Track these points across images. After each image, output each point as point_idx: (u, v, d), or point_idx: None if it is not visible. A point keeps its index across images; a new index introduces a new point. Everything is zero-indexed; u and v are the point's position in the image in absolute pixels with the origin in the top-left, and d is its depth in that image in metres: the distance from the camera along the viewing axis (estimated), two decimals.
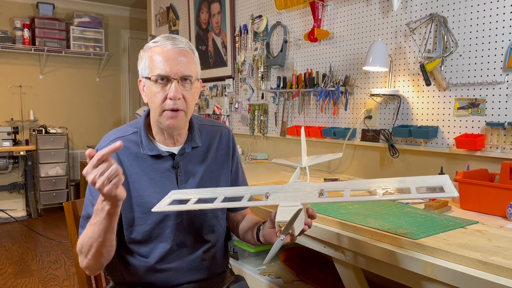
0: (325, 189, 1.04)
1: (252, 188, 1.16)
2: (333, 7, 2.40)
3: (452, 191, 0.87)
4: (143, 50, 1.19)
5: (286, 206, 0.98)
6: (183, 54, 1.15)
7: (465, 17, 1.79)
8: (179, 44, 1.15)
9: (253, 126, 3.05)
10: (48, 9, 5.00)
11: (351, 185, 1.02)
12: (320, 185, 1.07)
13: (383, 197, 0.94)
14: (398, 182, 1.00)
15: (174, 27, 4.11)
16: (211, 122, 1.38)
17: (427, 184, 0.97)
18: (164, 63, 1.13)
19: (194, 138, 1.26)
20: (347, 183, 1.06)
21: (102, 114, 5.65)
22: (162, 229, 1.22)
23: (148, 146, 1.21)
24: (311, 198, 1.00)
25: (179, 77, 1.13)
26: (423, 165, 1.97)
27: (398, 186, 0.99)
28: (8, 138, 4.58)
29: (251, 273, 2.00)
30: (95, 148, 1.22)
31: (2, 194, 4.99)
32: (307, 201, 0.99)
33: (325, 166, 2.48)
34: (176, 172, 1.23)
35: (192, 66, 1.17)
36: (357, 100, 2.29)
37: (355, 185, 1.04)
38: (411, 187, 0.94)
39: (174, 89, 1.12)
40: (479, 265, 0.97)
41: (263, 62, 2.90)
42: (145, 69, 1.17)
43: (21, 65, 5.05)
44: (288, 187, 1.10)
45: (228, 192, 1.13)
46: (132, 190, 1.19)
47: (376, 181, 1.02)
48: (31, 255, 3.63)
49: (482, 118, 1.74)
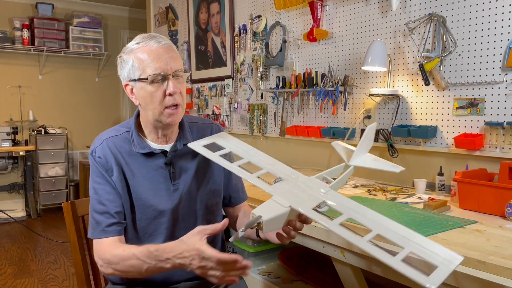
0: (330, 203, 0.94)
1: (277, 164, 1.11)
2: (332, 7, 2.40)
3: (436, 282, 0.72)
4: (126, 53, 1.17)
5: (276, 202, 0.94)
6: (170, 50, 1.17)
7: (464, 17, 1.79)
8: (162, 41, 1.16)
9: (252, 126, 3.05)
10: (47, 9, 5.00)
11: (355, 213, 0.90)
12: (331, 196, 0.97)
13: (366, 245, 0.80)
14: (401, 237, 0.83)
15: (173, 27, 4.11)
16: (201, 119, 1.39)
17: (425, 254, 0.78)
18: (156, 61, 1.13)
19: (185, 135, 1.28)
20: (355, 208, 0.92)
21: (102, 114, 5.64)
22: (157, 225, 1.23)
23: (140, 144, 1.22)
24: (303, 207, 0.93)
25: (172, 73, 1.15)
26: (422, 165, 1.98)
27: (394, 240, 0.82)
28: (8, 139, 4.57)
29: (250, 273, 2.00)
30: (90, 149, 1.24)
31: (2, 194, 4.98)
32: (297, 207, 0.93)
33: (324, 166, 2.48)
34: (169, 169, 1.24)
35: (179, 60, 1.19)
36: (356, 100, 2.29)
37: (359, 213, 0.90)
38: (406, 249, 0.79)
39: (172, 85, 1.14)
40: (477, 265, 0.97)
41: (262, 62, 2.90)
42: (133, 72, 1.16)
43: (20, 66, 5.05)
44: (303, 180, 1.03)
45: (254, 159, 1.13)
46: (129, 187, 1.21)
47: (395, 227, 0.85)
48: (30, 255, 3.63)
49: (481, 118, 1.74)
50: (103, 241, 1.17)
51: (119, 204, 1.20)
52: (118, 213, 1.19)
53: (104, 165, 1.20)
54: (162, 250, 1.01)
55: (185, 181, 1.25)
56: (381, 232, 0.83)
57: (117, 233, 1.19)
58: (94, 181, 1.21)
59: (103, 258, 1.14)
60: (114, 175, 1.20)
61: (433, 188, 1.83)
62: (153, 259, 1.03)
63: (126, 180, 1.21)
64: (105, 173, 1.20)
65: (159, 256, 1.02)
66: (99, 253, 1.16)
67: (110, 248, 1.15)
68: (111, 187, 1.19)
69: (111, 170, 1.20)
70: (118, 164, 1.20)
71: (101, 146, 1.22)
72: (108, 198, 1.19)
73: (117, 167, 1.20)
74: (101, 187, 1.20)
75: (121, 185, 1.20)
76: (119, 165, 1.20)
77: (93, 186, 1.21)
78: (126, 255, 1.09)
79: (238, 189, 1.38)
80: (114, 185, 1.20)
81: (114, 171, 1.20)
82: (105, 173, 1.20)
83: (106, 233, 1.17)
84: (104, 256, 1.14)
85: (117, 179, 1.20)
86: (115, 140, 1.23)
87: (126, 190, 1.21)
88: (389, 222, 0.87)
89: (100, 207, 1.18)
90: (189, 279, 1.29)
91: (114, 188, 1.20)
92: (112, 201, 1.19)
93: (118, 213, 1.19)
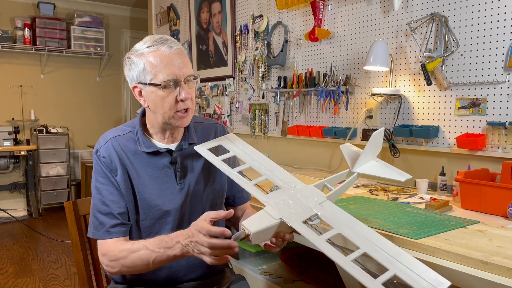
0: (322, 215, 0.92)
1: (277, 171, 1.12)
2: (333, 7, 2.40)
3: None
4: (136, 56, 1.17)
5: (267, 213, 0.94)
6: (182, 56, 1.17)
7: (466, 17, 1.78)
8: (174, 46, 1.16)
9: (253, 126, 3.05)
10: (49, 9, 5.00)
11: (345, 227, 0.87)
12: (326, 207, 0.95)
13: (349, 265, 0.78)
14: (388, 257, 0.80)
15: (174, 27, 4.11)
16: (206, 120, 1.40)
17: (409, 278, 0.75)
18: (168, 67, 1.14)
19: (190, 135, 1.29)
20: (347, 221, 0.89)
21: (103, 113, 5.65)
22: (163, 225, 1.23)
23: (146, 143, 1.23)
24: (294, 219, 0.92)
25: (184, 78, 1.16)
26: (424, 165, 1.97)
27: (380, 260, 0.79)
28: (9, 138, 4.58)
29: (251, 273, 2.00)
30: (95, 148, 1.24)
31: (3, 193, 4.99)
32: (287, 220, 0.92)
33: (326, 165, 2.48)
34: (174, 168, 1.25)
35: (190, 65, 1.20)
36: (358, 100, 2.28)
37: (350, 227, 0.88)
38: (389, 271, 0.76)
39: (185, 91, 1.16)
40: (480, 265, 0.97)
41: (264, 61, 2.90)
42: (144, 75, 1.16)
43: (22, 65, 5.06)
44: (300, 189, 1.02)
45: (256, 164, 1.14)
46: (133, 187, 1.21)
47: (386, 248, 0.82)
48: (32, 254, 3.63)
49: (483, 118, 1.74)
50: (106, 242, 1.18)
51: (122, 205, 1.20)
52: (121, 214, 1.19)
53: (109, 165, 1.20)
54: (174, 235, 1.06)
55: (190, 180, 1.26)
56: (368, 251, 0.82)
57: (122, 234, 1.19)
58: (97, 180, 1.21)
59: (109, 256, 1.15)
60: (118, 175, 1.20)
61: (435, 188, 1.83)
62: (163, 246, 1.06)
63: (131, 180, 1.21)
64: (109, 173, 1.20)
65: (169, 242, 1.05)
66: (105, 251, 1.17)
67: (117, 244, 1.16)
68: (115, 188, 1.20)
69: (115, 170, 1.20)
70: (122, 164, 1.20)
71: (105, 145, 1.22)
72: (111, 199, 1.19)
73: (122, 167, 1.20)
74: (104, 187, 1.20)
75: (125, 185, 1.20)
76: (124, 165, 1.20)
77: (96, 185, 1.21)
78: (135, 247, 1.12)
79: (242, 189, 1.38)
80: (117, 185, 1.20)
81: (118, 171, 1.20)
82: (109, 173, 1.20)
83: (111, 234, 1.18)
84: (111, 253, 1.15)
85: (121, 179, 1.20)
86: (120, 140, 1.23)
87: (131, 190, 1.21)
88: (379, 240, 0.85)
89: (104, 207, 1.19)
90: (192, 279, 1.29)
91: (118, 189, 1.20)
92: (116, 202, 1.19)
93: (122, 214, 1.19)
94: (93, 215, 1.21)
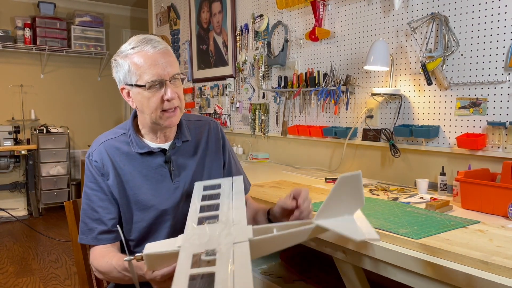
0: (219, 252, 0.79)
1: (235, 210, 0.98)
2: (334, 6, 2.40)
3: None
4: (121, 57, 1.16)
5: (174, 240, 0.86)
6: (167, 55, 1.15)
7: (466, 17, 1.78)
8: (158, 46, 1.14)
9: (254, 126, 3.05)
10: (49, 8, 5.01)
11: (223, 272, 0.75)
12: (236, 249, 0.80)
13: None
14: None
15: (175, 27, 4.11)
16: (199, 117, 1.40)
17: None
18: (153, 68, 1.12)
19: (183, 132, 1.28)
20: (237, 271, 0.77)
21: (103, 113, 5.65)
22: (160, 225, 1.23)
23: (139, 144, 1.23)
24: (187, 249, 0.81)
25: (169, 78, 1.15)
26: (424, 165, 1.97)
27: None
28: (9, 138, 4.59)
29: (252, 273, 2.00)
30: (87, 152, 1.24)
31: (3, 193, 4.99)
32: (182, 249, 0.82)
33: (326, 165, 2.48)
34: (169, 167, 1.24)
35: (176, 64, 1.18)
36: (358, 100, 2.28)
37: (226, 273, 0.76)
38: None
39: (170, 90, 1.14)
40: (480, 265, 0.96)
41: (264, 61, 2.90)
42: (130, 77, 1.15)
43: (22, 65, 5.06)
44: (233, 228, 0.88)
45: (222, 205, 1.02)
46: (127, 189, 1.21)
47: None
48: (32, 254, 3.63)
49: (483, 118, 1.74)
50: (95, 248, 1.19)
51: (112, 211, 1.20)
52: (110, 220, 1.19)
53: (100, 169, 1.20)
54: (136, 266, 0.97)
55: (185, 178, 1.25)
56: None
57: (110, 240, 1.19)
58: (87, 186, 1.21)
59: (94, 266, 1.17)
60: (110, 179, 1.20)
61: (435, 188, 1.83)
62: (131, 272, 0.96)
63: (124, 183, 1.21)
64: (99, 178, 1.20)
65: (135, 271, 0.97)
66: (92, 260, 1.19)
67: (99, 257, 1.16)
68: (104, 193, 1.20)
69: (107, 174, 1.20)
70: (115, 167, 1.20)
71: (98, 149, 1.22)
72: (100, 205, 1.19)
73: (114, 170, 1.20)
74: (93, 193, 1.20)
75: (118, 189, 1.20)
76: (116, 168, 1.20)
77: (86, 191, 1.21)
78: (108, 268, 1.10)
79: None
80: (108, 191, 1.20)
81: (110, 174, 1.20)
82: (99, 178, 1.20)
83: (99, 241, 1.18)
84: (96, 262, 1.16)
85: (113, 183, 1.20)
86: (112, 143, 1.23)
87: (124, 193, 1.21)
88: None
89: (93, 213, 1.19)
90: None
91: (107, 194, 1.20)
92: (105, 208, 1.19)
93: (111, 220, 1.19)
94: (82, 220, 1.21)
